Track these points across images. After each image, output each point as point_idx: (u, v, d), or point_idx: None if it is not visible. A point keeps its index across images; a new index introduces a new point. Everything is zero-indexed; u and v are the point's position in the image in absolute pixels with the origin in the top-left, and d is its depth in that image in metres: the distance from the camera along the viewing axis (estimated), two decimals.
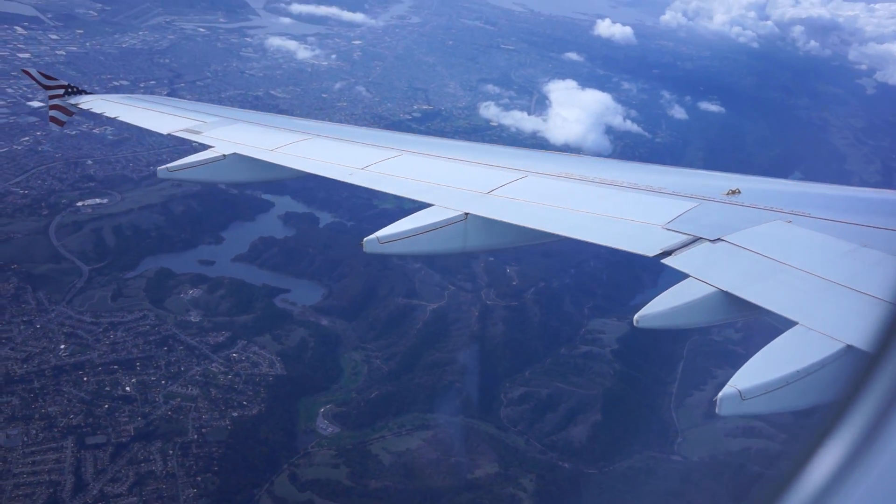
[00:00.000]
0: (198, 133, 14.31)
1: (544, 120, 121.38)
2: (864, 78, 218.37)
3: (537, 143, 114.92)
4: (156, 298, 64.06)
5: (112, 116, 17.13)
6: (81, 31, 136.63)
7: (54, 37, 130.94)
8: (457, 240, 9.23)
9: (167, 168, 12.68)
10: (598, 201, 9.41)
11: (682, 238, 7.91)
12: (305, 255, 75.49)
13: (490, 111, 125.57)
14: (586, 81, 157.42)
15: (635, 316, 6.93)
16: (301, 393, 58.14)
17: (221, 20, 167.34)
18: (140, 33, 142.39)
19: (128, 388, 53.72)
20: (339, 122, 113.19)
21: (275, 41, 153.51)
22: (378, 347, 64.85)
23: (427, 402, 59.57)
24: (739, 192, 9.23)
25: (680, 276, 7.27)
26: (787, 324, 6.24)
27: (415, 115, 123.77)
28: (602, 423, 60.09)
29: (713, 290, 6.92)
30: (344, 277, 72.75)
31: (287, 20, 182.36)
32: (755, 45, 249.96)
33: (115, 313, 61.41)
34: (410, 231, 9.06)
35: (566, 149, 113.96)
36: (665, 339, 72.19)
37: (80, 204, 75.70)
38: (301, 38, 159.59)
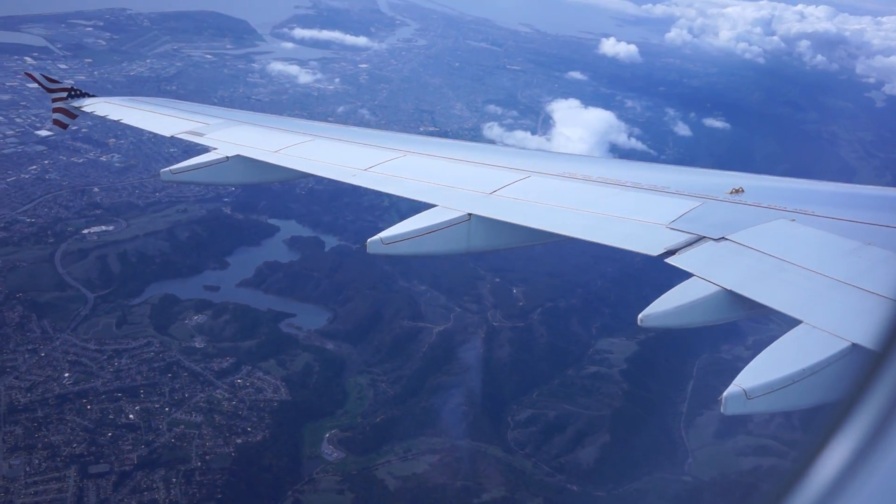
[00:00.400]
0: (201, 135, 14.33)
1: (548, 139, 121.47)
2: (872, 91, 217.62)
3: None
4: (160, 325, 63.98)
5: (115, 119, 17.22)
6: (90, 61, 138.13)
7: (63, 66, 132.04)
8: (460, 240, 9.27)
9: (170, 170, 12.61)
10: (602, 201, 9.44)
11: (686, 237, 7.95)
12: (311, 279, 75.30)
13: (493, 132, 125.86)
14: (590, 100, 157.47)
15: (640, 315, 6.88)
16: (306, 418, 57.75)
17: (228, 46, 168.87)
18: (148, 61, 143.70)
19: (131, 416, 53.50)
20: None
21: (281, 66, 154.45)
22: (384, 371, 64.43)
23: (433, 425, 59.12)
24: (743, 190, 9.22)
25: (684, 275, 7.31)
26: (792, 323, 6.22)
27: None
28: (611, 444, 59.45)
29: (717, 288, 6.93)
30: (349, 301, 72.49)
31: (293, 45, 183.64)
32: (761, 60, 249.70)
33: (120, 340, 61.37)
34: (414, 232, 9.07)
35: None
36: (674, 358, 71.68)
37: (85, 231, 75.92)
38: (307, 63, 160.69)
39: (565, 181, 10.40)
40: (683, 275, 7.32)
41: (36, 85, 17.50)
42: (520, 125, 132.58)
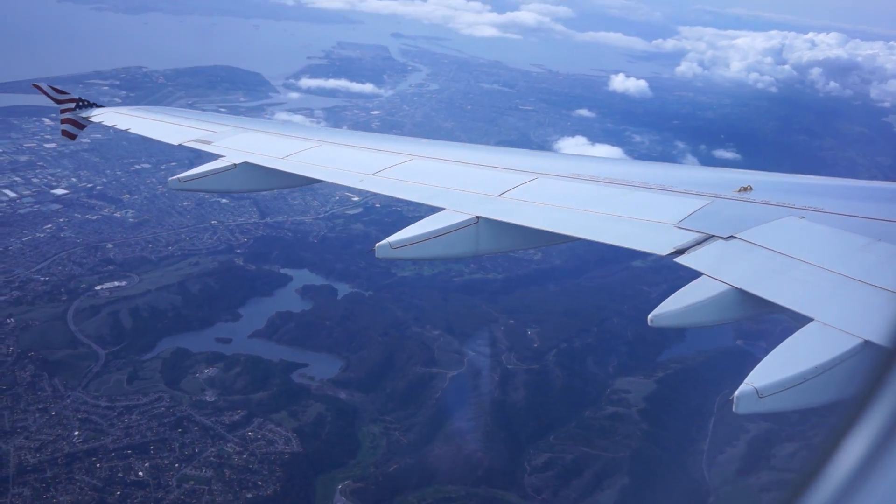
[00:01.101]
0: (208, 143, 14.42)
1: None
2: (889, 115, 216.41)
3: None
4: (171, 379, 63.73)
5: (123, 128, 17.26)
6: None
7: None
8: (469, 243, 9.28)
9: (178, 178, 12.62)
10: (609, 201, 9.43)
11: (695, 236, 7.90)
12: (323, 328, 74.88)
13: None
14: (597, 136, 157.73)
15: (649, 315, 6.76)
16: (318, 470, 56.92)
17: (241, 99, 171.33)
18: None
19: (141, 473, 52.99)
20: (359, 193, 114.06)
21: (292, 116, 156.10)
22: (397, 419, 63.58)
23: (448, 473, 58.00)
24: (751, 188, 9.16)
25: (693, 274, 7.21)
26: (803, 320, 6.12)
27: None
28: (630, 486, 58.07)
29: (727, 287, 6.86)
30: (362, 349, 71.95)
31: (305, 95, 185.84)
32: (774, 89, 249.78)
33: (131, 396, 61.13)
34: (422, 235, 8.99)
35: None
36: (694, 395, 70.24)
37: (98, 288, 76.26)
38: (317, 112, 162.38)
39: (572, 182, 10.41)
40: (692, 275, 7.21)
41: (56, 169, 17.56)
42: None
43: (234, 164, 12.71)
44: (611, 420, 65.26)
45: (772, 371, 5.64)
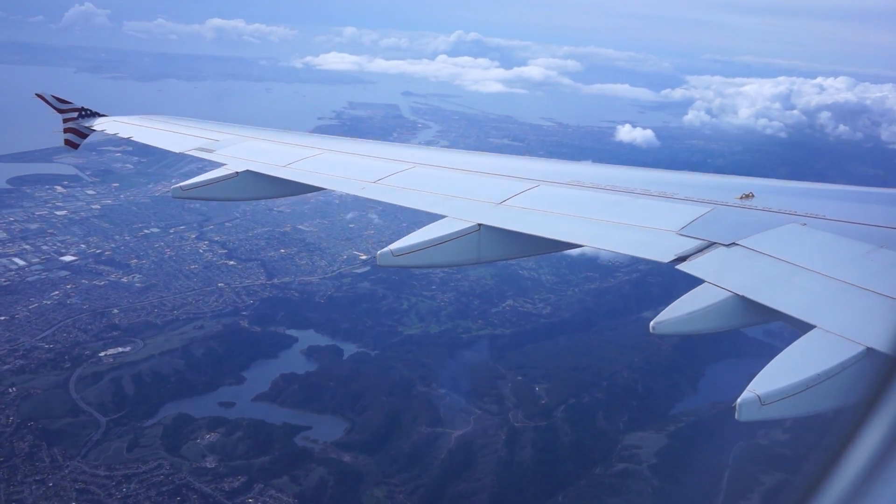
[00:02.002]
0: (210, 151, 14.63)
1: None
2: None
3: (548, 254, 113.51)
4: (172, 446, 62.78)
5: (126, 136, 17.50)
6: (117, 185, 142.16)
7: (91, 192, 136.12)
8: (471, 251, 9.31)
9: (181, 186, 12.66)
10: (611, 208, 9.50)
11: (697, 243, 7.94)
12: (327, 390, 73.89)
13: None
14: None
15: (651, 323, 6.74)
16: None
17: None
18: (172, 181, 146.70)
19: None
20: (364, 249, 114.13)
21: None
22: (401, 481, 62.08)
23: None
24: (753, 195, 9.22)
25: (695, 281, 7.22)
26: (805, 328, 6.12)
27: None
28: None
29: (729, 294, 6.88)
30: (367, 409, 70.79)
31: None
32: (783, 135, 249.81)
33: (130, 465, 60.17)
34: (424, 243, 9.03)
35: (579, 258, 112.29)
36: (708, 448, 68.36)
37: (102, 354, 75.90)
38: None
39: (574, 189, 10.47)
40: (695, 280, 7.24)
41: (65, 236, 17.54)
42: None
43: (236, 173, 12.85)
44: (621, 477, 63.50)
45: (774, 378, 5.64)
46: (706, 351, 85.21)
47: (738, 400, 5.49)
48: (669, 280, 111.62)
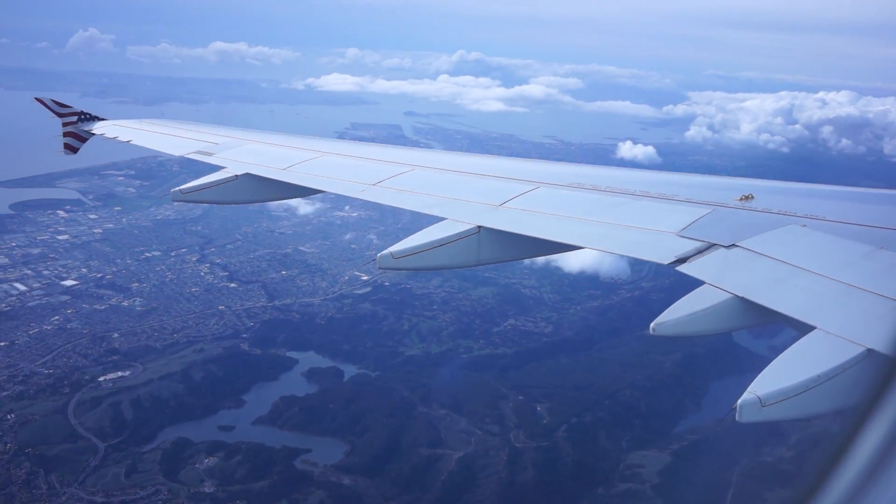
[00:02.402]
0: (210, 154, 14.62)
1: None
2: None
3: (550, 272, 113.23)
4: (170, 471, 62.30)
5: (125, 140, 17.58)
6: (119, 208, 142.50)
7: (93, 216, 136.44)
8: (470, 253, 9.32)
9: (180, 190, 12.69)
10: (611, 210, 9.49)
11: (697, 245, 7.95)
12: (327, 412, 73.39)
13: None
14: None
15: (651, 324, 6.78)
16: None
17: None
18: (175, 204, 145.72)
19: None
20: (368, 271, 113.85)
21: (310, 198, 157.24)
22: None
23: None
24: (753, 197, 9.20)
25: (695, 283, 7.22)
26: (806, 329, 6.11)
27: None
28: None
29: (729, 296, 6.86)
30: (367, 431, 70.25)
31: None
32: (786, 149, 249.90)
33: (128, 490, 59.72)
34: (424, 245, 9.04)
35: (581, 276, 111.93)
36: (711, 467, 67.69)
37: (101, 379, 75.60)
38: (332, 193, 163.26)
39: (574, 191, 10.46)
40: (695, 282, 7.23)
41: (67, 261, 17.58)
42: None
43: (236, 176, 12.93)
44: (623, 497, 62.86)
45: (775, 379, 5.62)
46: (709, 367, 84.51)
47: (739, 401, 5.48)
48: (673, 297, 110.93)
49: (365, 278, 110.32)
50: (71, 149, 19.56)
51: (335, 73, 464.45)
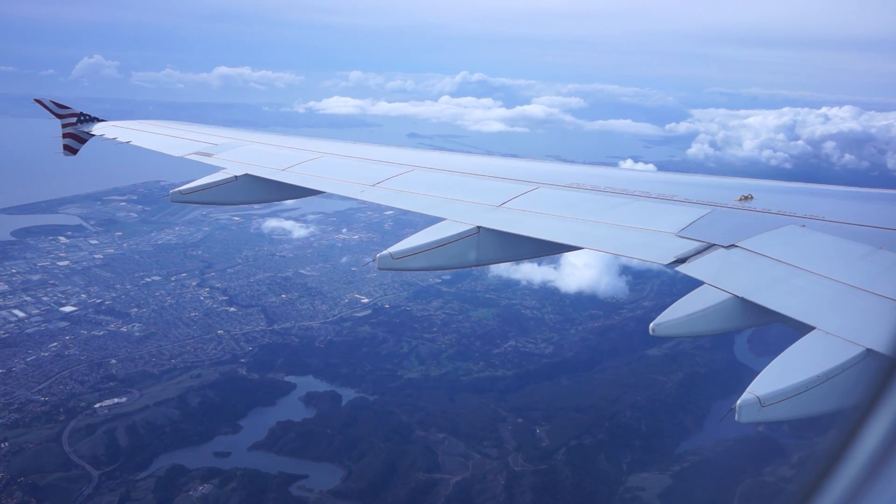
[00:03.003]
0: (209, 155, 14.71)
1: (555, 268, 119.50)
2: None
3: (547, 293, 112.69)
4: (164, 499, 61.60)
5: (124, 141, 17.62)
6: (120, 233, 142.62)
7: (94, 241, 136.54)
8: (470, 253, 9.31)
9: (179, 191, 12.85)
10: (610, 211, 9.47)
11: (696, 245, 7.92)
12: (324, 437, 72.66)
13: (500, 266, 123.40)
14: None
15: (650, 325, 6.71)
16: None
17: (256, 207, 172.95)
18: (176, 228, 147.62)
19: None
20: (368, 293, 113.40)
21: (307, 220, 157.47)
22: None
23: None
24: (752, 197, 9.21)
25: (694, 283, 7.19)
26: (805, 329, 6.09)
27: (444, 277, 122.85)
28: None
29: (728, 296, 6.84)
30: (364, 456, 69.52)
31: (319, 199, 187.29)
32: (789, 165, 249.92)
33: None
34: (423, 246, 9.04)
35: (579, 296, 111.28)
36: (713, 488, 66.97)
37: (97, 406, 75.16)
38: (333, 215, 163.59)
39: (573, 192, 10.43)
40: (694, 282, 7.21)
41: (66, 287, 17.60)
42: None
43: (235, 177, 13.00)
44: None
45: (774, 380, 5.59)
46: (712, 387, 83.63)
47: (738, 401, 5.44)
48: None
49: (365, 301, 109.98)
50: (70, 150, 19.84)
51: (336, 96, 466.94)
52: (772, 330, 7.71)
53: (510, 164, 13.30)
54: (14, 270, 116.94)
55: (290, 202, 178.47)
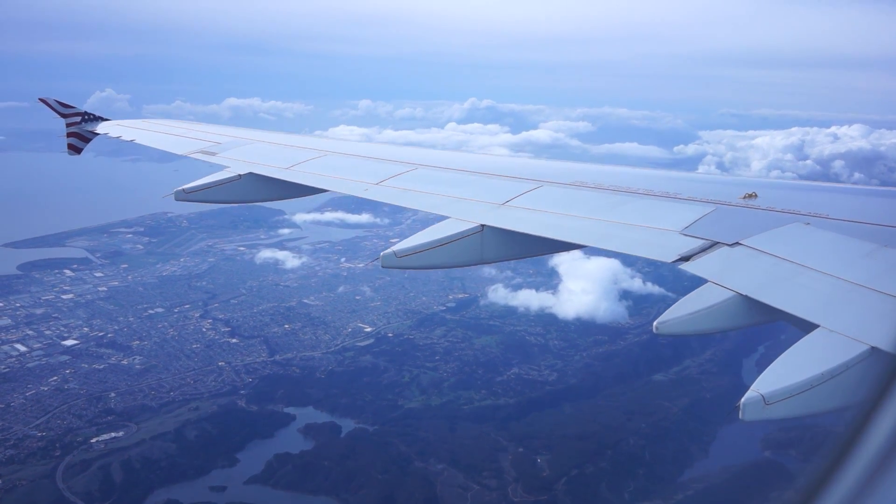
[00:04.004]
0: (213, 154, 14.76)
1: (552, 294, 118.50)
2: None
3: (545, 318, 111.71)
4: None
5: (129, 139, 17.87)
6: (126, 266, 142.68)
7: (99, 274, 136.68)
8: (474, 252, 9.30)
9: (184, 189, 12.82)
10: (614, 209, 9.42)
11: (700, 243, 7.90)
12: (321, 469, 71.77)
13: (498, 293, 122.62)
14: (593, 249, 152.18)
15: (655, 323, 6.69)
16: None
17: (262, 237, 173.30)
18: (181, 260, 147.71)
19: None
20: (371, 322, 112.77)
21: (311, 249, 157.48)
22: None
23: None
24: (756, 195, 9.15)
25: (698, 281, 7.17)
26: (809, 327, 6.04)
27: (449, 304, 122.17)
28: None
29: (732, 294, 6.81)
30: (361, 489, 68.60)
31: (326, 228, 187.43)
32: None
33: None
34: (427, 244, 9.03)
35: (577, 322, 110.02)
36: None
37: (94, 440, 74.63)
38: (339, 244, 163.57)
39: (577, 190, 10.42)
40: (698, 280, 7.20)
41: (68, 321, 17.74)
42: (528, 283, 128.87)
43: (240, 175, 13.05)
44: None
45: (778, 377, 5.57)
46: (718, 412, 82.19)
47: (742, 399, 5.41)
48: (681, 340, 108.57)
49: (368, 330, 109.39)
50: (75, 149, 20.15)
51: (343, 125, 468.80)
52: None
53: (514, 162, 13.56)
54: (18, 304, 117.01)
55: (288, 231, 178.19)
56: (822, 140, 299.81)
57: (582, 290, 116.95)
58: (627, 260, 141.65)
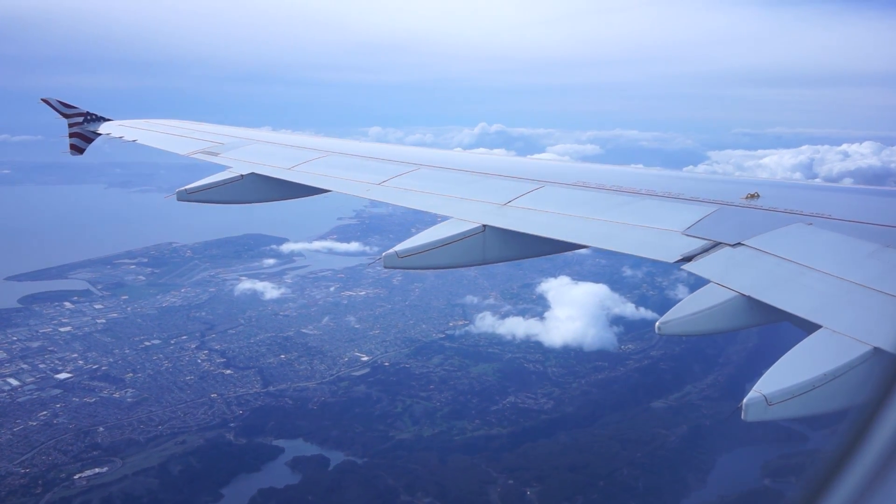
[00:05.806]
0: (215, 154, 14.81)
1: (539, 321, 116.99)
2: None
3: (531, 346, 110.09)
4: None
5: (131, 139, 17.86)
6: (126, 297, 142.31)
7: (98, 306, 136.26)
8: (475, 252, 9.30)
9: (186, 189, 12.80)
10: (616, 209, 9.42)
11: (702, 243, 7.89)
12: None
13: (486, 321, 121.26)
14: (585, 275, 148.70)
15: (656, 323, 6.64)
16: None
17: (265, 265, 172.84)
18: (182, 290, 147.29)
19: None
20: (369, 351, 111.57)
21: (313, 276, 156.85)
22: None
23: None
24: (758, 195, 9.16)
25: (700, 282, 7.17)
26: (811, 328, 6.00)
27: (448, 332, 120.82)
28: None
29: (735, 294, 6.80)
30: None
31: (330, 256, 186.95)
32: None
33: None
34: (429, 244, 9.01)
35: (565, 350, 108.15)
36: None
37: (76, 477, 73.54)
38: (341, 272, 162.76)
39: (579, 190, 10.41)
40: (700, 281, 7.21)
41: (62, 352, 17.25)
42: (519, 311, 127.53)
43: (241, 175, 13.10)
44: None
45: (781, 378, 5.54)
46: (718, 439, 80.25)
47: (745, 400, 5.38)
48: (683, 365, 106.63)
49: (365, 359, 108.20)
50: (77, 149, 20.25)
51: None
52: None
53: (516, 162, 13.51)
54: (15, 338, 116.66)
55: (290, 259, 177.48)
56: (832, 158, 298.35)
57: (568, 316, 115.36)
58: (615, 285, 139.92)
